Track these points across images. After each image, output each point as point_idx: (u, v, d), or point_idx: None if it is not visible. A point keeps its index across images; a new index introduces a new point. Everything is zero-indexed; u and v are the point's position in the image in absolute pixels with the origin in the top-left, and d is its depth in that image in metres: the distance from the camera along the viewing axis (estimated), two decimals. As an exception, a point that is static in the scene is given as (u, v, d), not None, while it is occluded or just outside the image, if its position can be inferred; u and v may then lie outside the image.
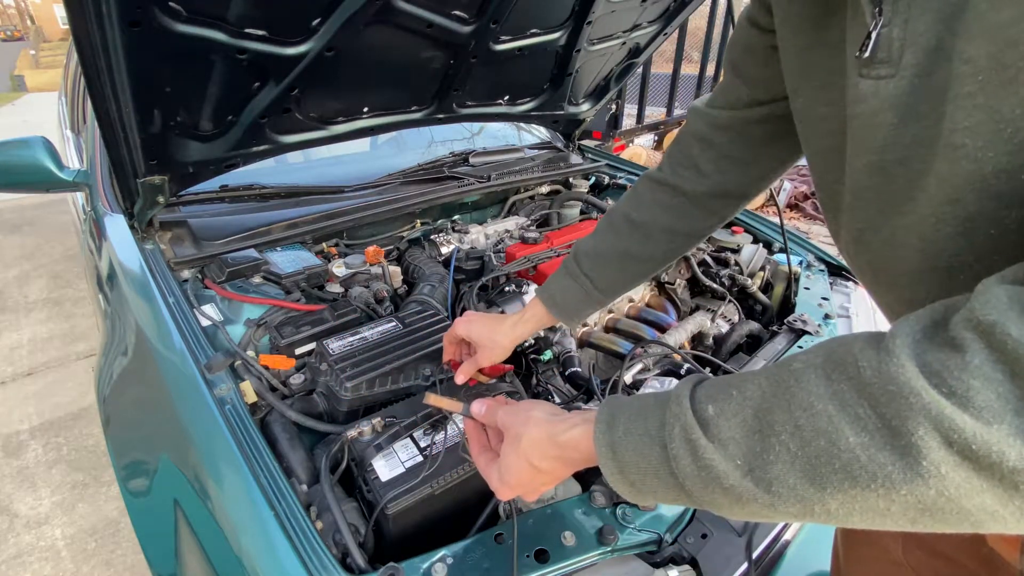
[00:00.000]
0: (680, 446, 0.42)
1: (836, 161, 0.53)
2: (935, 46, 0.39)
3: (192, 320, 1.05)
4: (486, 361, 0.93)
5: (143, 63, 0.91)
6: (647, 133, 5.39)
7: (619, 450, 0.47)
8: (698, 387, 0.45)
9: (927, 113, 0.41)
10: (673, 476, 0.43)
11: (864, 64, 0.44)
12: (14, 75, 13.86)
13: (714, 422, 0.41)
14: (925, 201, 0.43)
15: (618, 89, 1.97)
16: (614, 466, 0.47)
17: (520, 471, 0.58)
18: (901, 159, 0.44)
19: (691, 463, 0.41)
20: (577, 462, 0.55)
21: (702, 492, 0.42)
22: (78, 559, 1.77)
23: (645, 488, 0.46)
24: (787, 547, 0.96)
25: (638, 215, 0.86)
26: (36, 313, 3.27)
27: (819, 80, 0.54)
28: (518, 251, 1.44)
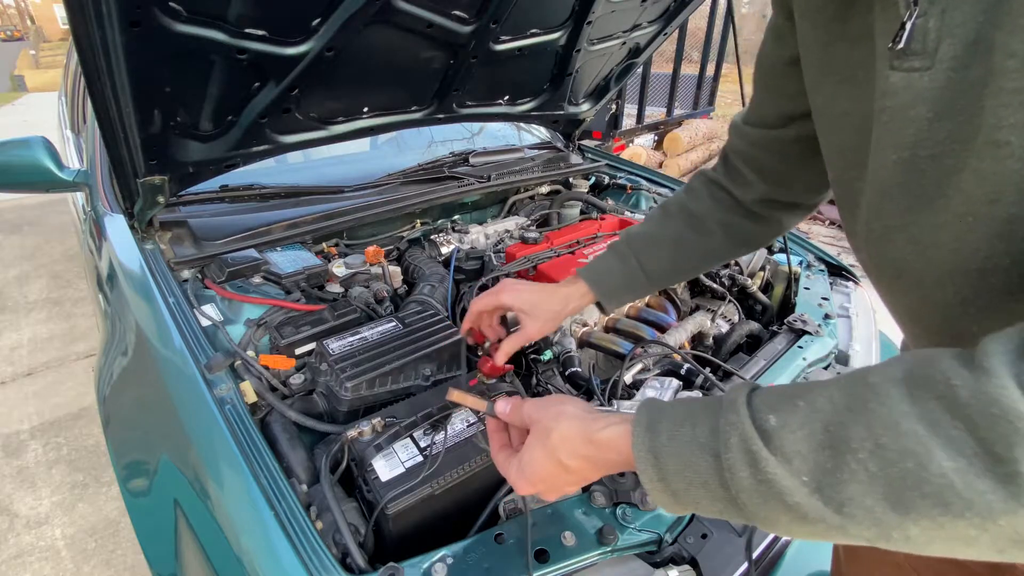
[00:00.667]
0: (738, 457, 0.39)
1: (857, 158, 0.52)
2: (974, 38, 0.38)
3: (192, 320, 1.05)
4: (537, 333, 0.88)
5: (143, 63, 0.91)
6: (647, 133, 5.39)
7: (662, 457, 0.44)
8: (754, 395, 0.42)
9: (964, 108, 0.39)
10: (725, 488, 0.40)
11: (896, 56, 0.43)
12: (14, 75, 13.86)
13: (777, 434, 0.38)
14: (961, 200, 0.42)
15: (618, 89, 1.97)
16: (655, 473, 0.44)
17: (545, 466, 0.55)
18: (934, 155, 0.42)
19: (750, 476, 0.38)
20: (610, 465, 0.51)
21: (759, 507, 0.39)
22: (78, 559, 1.77)
23: (688, 498, 0.43)
24: (787, 547, 0.96)
25: (695, 206, 0.84)
26: (36, 313, 3.27)
27: (840, 75, 0.53)
28: (518, 251, 1.44)
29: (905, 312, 0.56)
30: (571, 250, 1.46)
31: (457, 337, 1.12)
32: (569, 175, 2.03)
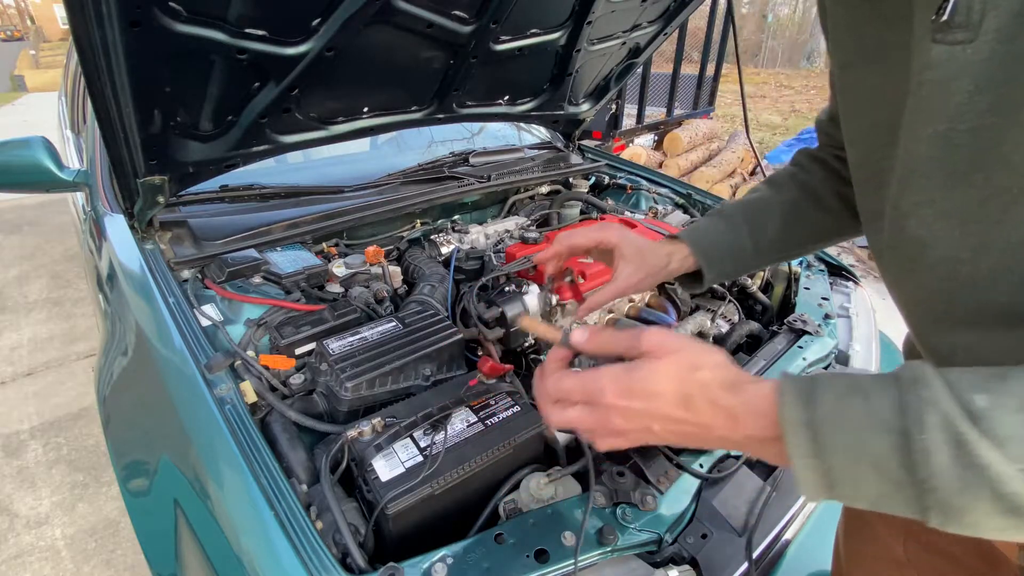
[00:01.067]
0: (938, 438, 0.35)
1: (888, 136, 0.51)
2: (1019, 9, 0.38)
3: (192, 320, 1.05)
4: (633, 287, 0.77)
5: (143, 63, 0.91)
6: (647, 133, 5.39)
7: (824, 429, 0.39)
8: (948, 373, 0.37)
9: (1007, 80, 0.39)
10: (908, 471, 0.36)
11: (939, 28, 0.42)
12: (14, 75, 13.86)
13: (988, 415, 0.34)
14: (1005, 174, 0.41)
15: (618, 89, 1.97)
16: (810, 448, 0.39)
17: (663, 396, 0.44)
18: (973, 128, 0.42)
19: (952, 460, 0.34)
20: (736, 427, 0.43)
21: (955, 495, 0.35)
22: (78, 559, 1.77)
23: (846, 478, 0.38)
24: (787, 547, 0.96)
25: (807, 178, 0.79)
26: (36, 313, 3.27)
27: (873, 52, 0.53)
28: (518, 251, 1.44)
29: (914, 297, 0.55)
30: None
31: (457, 337, 1.12)
32: (569, 175, 2.03)
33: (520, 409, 0.96)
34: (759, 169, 5.34)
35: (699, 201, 1.92)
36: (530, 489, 0.88)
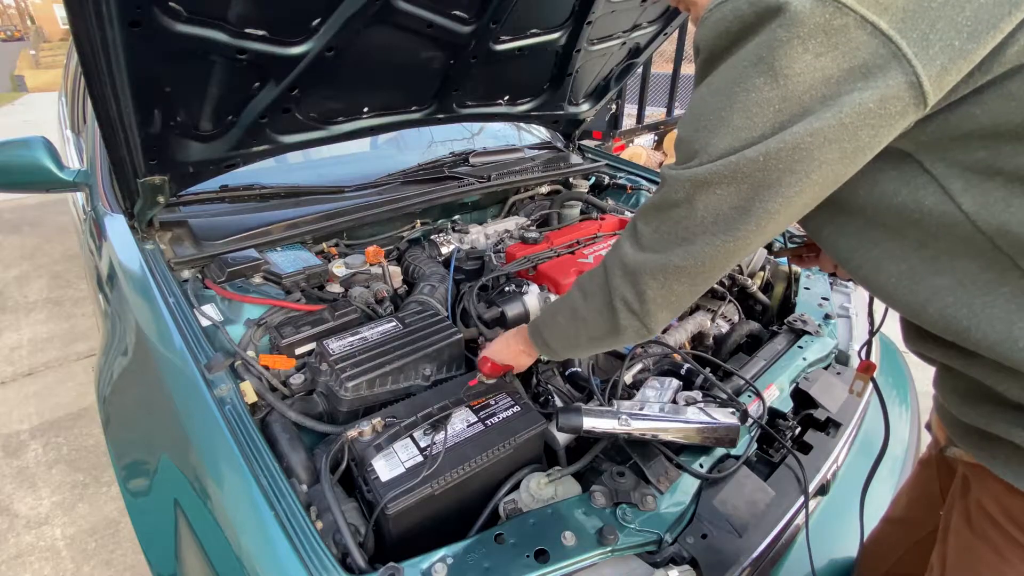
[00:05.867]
0: None
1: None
2: None
3: (192, 320, 1.05)
4: None
5: (143, 63, 0.91)
6: (647, 133, 5.38)
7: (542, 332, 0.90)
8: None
9: None
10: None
11: None
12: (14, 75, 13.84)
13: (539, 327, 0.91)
14: None
15: (618, 89, 1.97)
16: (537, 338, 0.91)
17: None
18: None
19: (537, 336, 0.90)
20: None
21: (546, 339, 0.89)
22: (78, 559, 1.77)
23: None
24: (788, 547, 0.96)
25: None
26: (36, 313, 3.27)
27: None
28: (518, 251, 1.44)
29: None
30: (571, 250, 1.46)
31: (457, 337, 1.12)
32: (569, 175, 2.03)
33: (520, 409, 0.96)
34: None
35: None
36: (530, 489, 0.88)
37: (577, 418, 0.89)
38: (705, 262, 0.62)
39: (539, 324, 0.90)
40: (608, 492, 0.87)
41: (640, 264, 0.67)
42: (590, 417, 0.90)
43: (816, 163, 0.51)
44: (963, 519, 0.71)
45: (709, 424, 0.95)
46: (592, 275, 0.77)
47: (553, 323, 0.86)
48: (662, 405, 0.98)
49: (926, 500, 0.91)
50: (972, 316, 0.55)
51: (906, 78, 0.46)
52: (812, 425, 1.15)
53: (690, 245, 0.62)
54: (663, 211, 0.64)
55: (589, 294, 0.76)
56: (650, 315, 0.69)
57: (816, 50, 0.47)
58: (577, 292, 0.80)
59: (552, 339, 0.87)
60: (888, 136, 0.50)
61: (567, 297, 0.83)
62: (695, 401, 1.03)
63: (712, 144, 0.55)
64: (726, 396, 1.07)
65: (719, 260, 0.62)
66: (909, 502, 0.98)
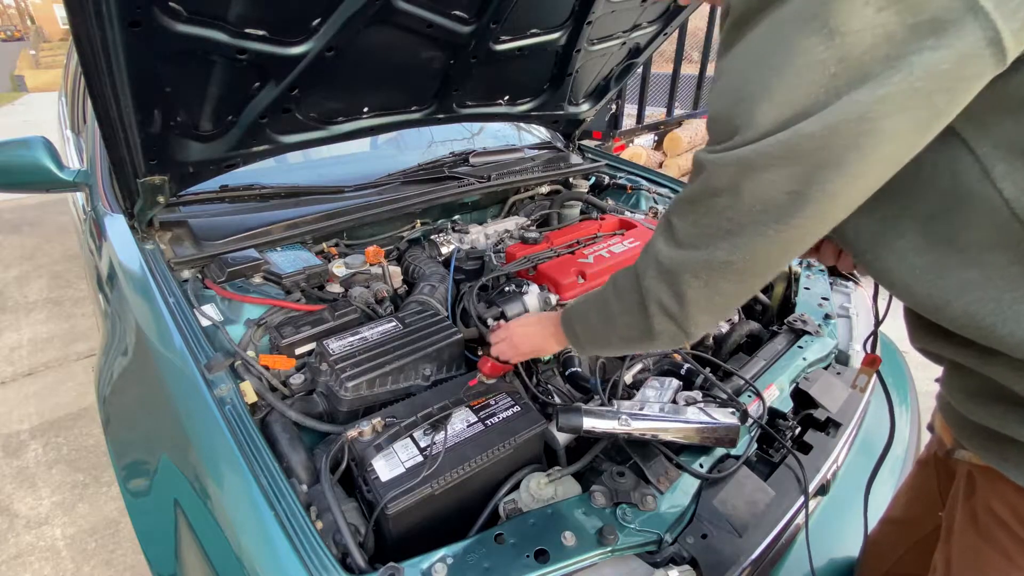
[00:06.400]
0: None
1: None
2: None
3: (192, 320, 1.05)
4: None
5: (143, 63, 0.91)
6: (647, 133, 5.38)
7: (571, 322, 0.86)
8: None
9: None
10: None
11: None
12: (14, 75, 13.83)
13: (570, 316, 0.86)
14: None
15: (618, 89, 1.97)
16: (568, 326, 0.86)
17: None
18: None
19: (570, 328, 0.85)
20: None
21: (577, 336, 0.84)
22: (78, 559, 1.77)
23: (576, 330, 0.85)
24: (788, 547, 0.96)
25: None
26: (36, 313, 3.26)
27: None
28: (518, 251, 1.44)
29: None
30: (571, 250, 1.46)
31: (457, 337, 1.12)
32: (569, 175, 2.03)
33: (520, 409, 0.96)
34: (759, 169, 5.32)
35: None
36: (530, 489, 0.88)
37: (577, 418, 0.89)
38: (756, 257, 0.55)
39: (572, 315, 0.85)
40: (608, 492, 0.87)
41: (678, 262, 0.60)
42: (590, 417, 0.90)
43: (885, 136, 0.45)
44: (969, 521, 0.70)
45: (709, 424, 0.95)
46: (625, 273, 0.71)
47: (585, 318, 0.81)
48: (662, 405, 0.98)
49: (925, 500, 0.90)
50: (999, 312, 0.52)
51: (984, 34, 0.41)
52: (812, 425, 1.15)
53: (737, 238, 0.55)
54: (702, 202, 0.57)
55: (621, 293, 0.71)
56: (690, 319, 0.63)
57: (877, 3, 0.42)
58: (611, 289, 0.74)
59: (583, 334, 0.82)
60: (965, 101, 0.45)
61: (602, 292, 0.76)
62: (695, 401, 1.03)
63: (757, 118, 0.49)
64: (726, 396, 1.07)
65: (773, 254, 0.55)
66: (908, 502, 0.97)
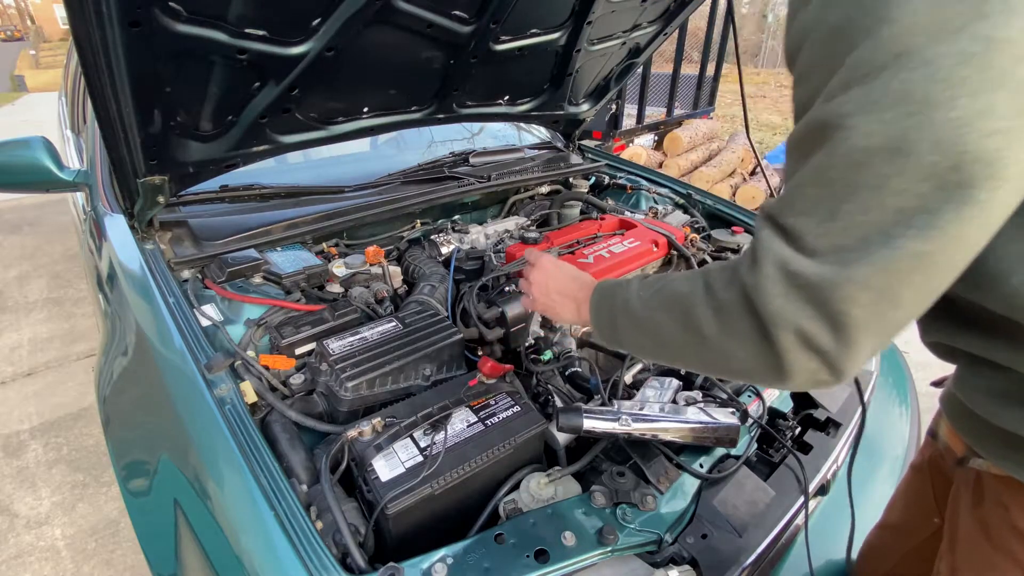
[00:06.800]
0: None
1: None
2: None
3: (192, 320, 1.05)
4: None
5: (143, 63, 0.91)
6: (647, 133, 5.38)
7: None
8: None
9: None
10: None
11: None
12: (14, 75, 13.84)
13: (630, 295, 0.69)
14: None
15: (618, 89, 1.97)
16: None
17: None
18: None
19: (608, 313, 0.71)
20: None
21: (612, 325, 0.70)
22: (78, 559, 1.77)
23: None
24: (788, 547, 0.96)
25: None
26: (36, 313, 3.27)
27: None
28: (518, 251, 1.44)
29: None
30: (571, 250, 1.46)
31: (457, 337, 1.12)
32: (569, 175, 2.03)
33: (520, 409, 0.96)
34: (759, 169, 5.33)
35: (699, 201, 1.92)
36: (530, 489, 0.88)
37: (577, 418, 0.89)
38: (956, 239, 0.41)
39: (616, 304, 0.68)
40: (608, 492, 0.87)
41: (833, 274, 0.43)
42: (590, 417, 0.90)
43: None
44: (979, 531, 0.68)
45: (709, 424, 0.95)
46: (722, 275, 0.53)
47: (642, 316, 0.63)
48: (662, 405, 0.98)
49: (920, 506, 0.90)
50: None
51: None
52: (812, 425, 1.15)
53: (927, 216, 0.40)
54: (846, 179, 0.42)
55: (723, 309, 0.52)
56: (851, 350, 0.45)
57: None
58: (702, 295, 0.54)
59: (628, 334, 0.66)
60: None
61: (678, 288, 0.58)
62: (695, 401, 1.03)
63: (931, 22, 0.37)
64: (726, 396, 1.07)
65: (974, 232, 0.41)
66: (903, 508, 0.96)
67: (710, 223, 1.83)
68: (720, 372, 0.57)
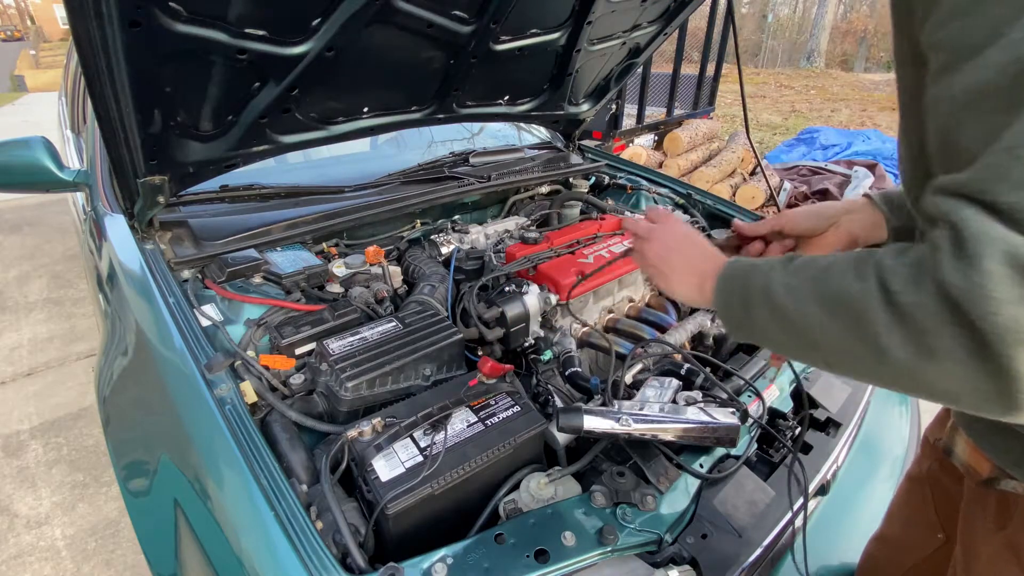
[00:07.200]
0: None
1: None
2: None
3: (192, 320, 1.05)
4: (791, 221, 0.85)
5: (143, 63, 0.91)
6: (647, 133, 5.38)
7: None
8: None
9: None
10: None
11: None
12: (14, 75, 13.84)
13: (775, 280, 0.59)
14: None
15: (618, 89, 1.97)
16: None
17: None
18: None
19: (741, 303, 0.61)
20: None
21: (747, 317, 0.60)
22: (78, 559, 1.77)
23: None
24: (787, 547, 0.96)
25: None
26: (36, 313, 3.27)
27: None
28: (518, 251, 1.44)
29: None
30: (571, 250, 1.46)
31: (457, 337, 1.12)
32: (569, 175, 2.03)
33: (520, 409, 0.96)
34: (759, 169, 5.33)
35: (699, 201, 1.92)
36: (530, 489, 0.88)
37: (577, 418, 0.89)
38: None
39: (752, 289, 0.58)
40: (608, 492, 0.87)
41: None
42: (590, 417, 0.90)
43: None
44: (1009, 554, 0.64)
45: (709, 424, 0.95)
46: (900, 275, 0.43)
47: (790, 310, 0.53)
48: (662, 405, 0.98)
49: (922, 521, 0.89)
50: None
51: None
52: (812, 425, 1.15)
53: None
54: None
55: (913, 319, 0.42)
56: None
57: None
58: (877, 296, 0.44)
59: (766, 327, 0.56)
60: None
61: (842, 283, 0.48)
62: (695, 401, 1.03)
63: None
64: (726, 396, 1.07)
65: None
66: (903, 523, 0.95)
67: (710, 223, 1.83)
68: (904, 390, 0.47)
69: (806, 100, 11.54)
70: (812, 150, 6.30)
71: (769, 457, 1.06)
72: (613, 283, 1.43)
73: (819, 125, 7.70)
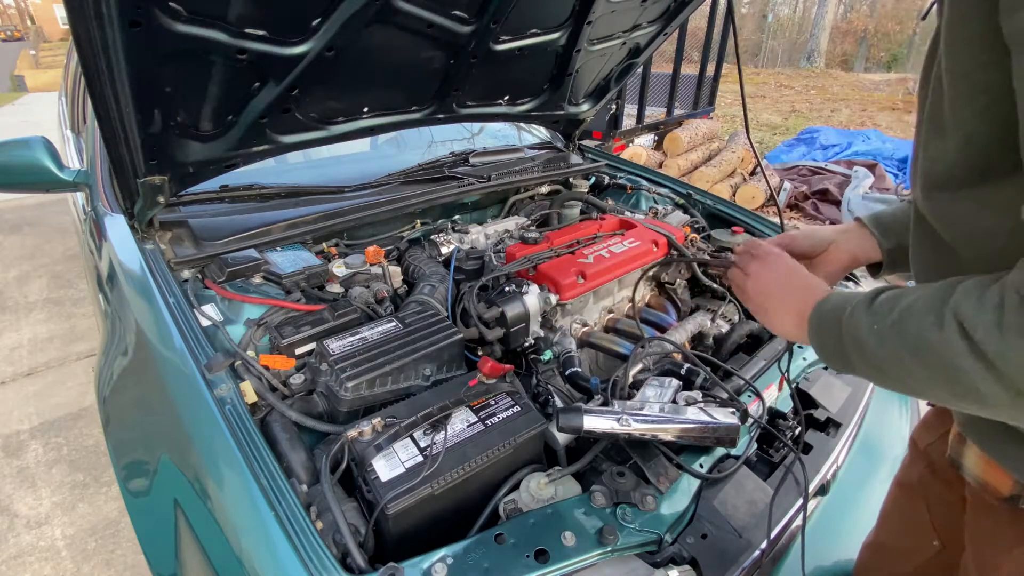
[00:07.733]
0: None
1: None
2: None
3: (192, 320, 1.05)
4: (794, 242, 0.86)
5: (143, 63, 0.91)
6: (647, 133, 5.39)
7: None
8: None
9: None
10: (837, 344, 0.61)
11: None
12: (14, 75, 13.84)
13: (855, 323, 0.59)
14: None
15: (618, 89, 1.97)
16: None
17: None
18: None
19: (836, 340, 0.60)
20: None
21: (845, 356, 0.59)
22: (78, 559, 1.77)
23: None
24: (787, 547, 0.96)
25: None
26: (36, 313, 3.26)
27: None
28: (518, 251, 1.44)
29: None
30: (571, 250, 1.46)
31: (457, 337, 1.12)
32: (569, 175, 2.03)
33: (520, 409, 0.96)
34: (759, 169, 5.34)
35: (699, 201, 1.92)
36: (530, 489, 0.88)
37: (577, 418, 0.89)
38: None
39: (844, 339, 0.58)
40: (608, 492, 0.87)
41: None
42: (590, 417, 0.90)
43: None
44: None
45: (709, 424, 0.95)
46: (983, 317, 0.43)
47: (882, 358, 0.53)
48: (662, 405, 0.98)
49: (916, 529, 0.88)
50: None
51: None
52: (812, 425, 1.15)
53: None
54: None
55: (1003, 368, 0.42)
56: None
57: None
58: (961, 346, 0.44)
59: (869, 373, 0.57)
60: None
61: (923, 332, 0.48)
62: (695, 401, 1.03)
63: None
64: (727, 396, 1.07)
65: None
66: (897, 531, 0.94)
67: (710, 223, 1.83)
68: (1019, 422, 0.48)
69: (806, 100, 11.54)
70: (812, 150, 6.30)
71: (769, 457, 1.06)
72: (613, 283, 1.43)
73: (819, 125, 7.70)
